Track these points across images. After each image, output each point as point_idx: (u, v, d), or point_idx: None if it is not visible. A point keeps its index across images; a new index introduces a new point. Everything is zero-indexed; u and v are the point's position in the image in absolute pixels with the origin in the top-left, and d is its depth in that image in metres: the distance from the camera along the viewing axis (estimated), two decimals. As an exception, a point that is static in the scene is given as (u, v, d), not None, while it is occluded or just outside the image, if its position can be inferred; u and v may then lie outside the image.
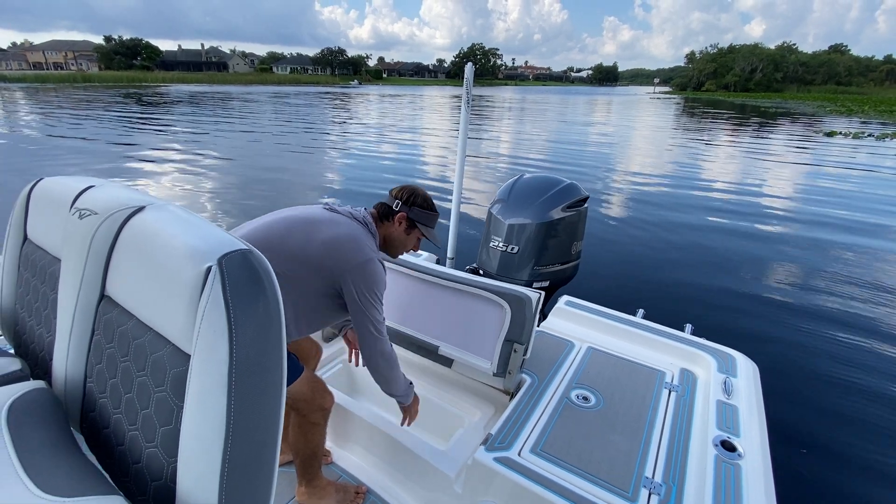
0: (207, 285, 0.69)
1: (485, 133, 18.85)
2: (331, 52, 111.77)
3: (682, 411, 1.67)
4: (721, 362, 1.92)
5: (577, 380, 1.80)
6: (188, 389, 0.72)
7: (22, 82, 55.80)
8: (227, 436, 0.69)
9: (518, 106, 39.69)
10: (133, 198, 0.96)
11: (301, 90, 55.49)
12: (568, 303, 2.32)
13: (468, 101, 2.38)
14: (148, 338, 0.81)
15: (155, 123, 18.03)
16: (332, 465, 1.76)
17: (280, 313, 0.75)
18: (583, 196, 2.54)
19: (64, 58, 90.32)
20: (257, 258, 0.74)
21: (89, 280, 0.92)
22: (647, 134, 20.04)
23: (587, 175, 10.46)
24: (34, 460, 0.77)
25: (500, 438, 1.46)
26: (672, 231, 6.59)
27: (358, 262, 1.34)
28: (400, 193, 1.57)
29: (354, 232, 1.40)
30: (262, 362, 0.72)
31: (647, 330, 2.14)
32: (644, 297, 4.36)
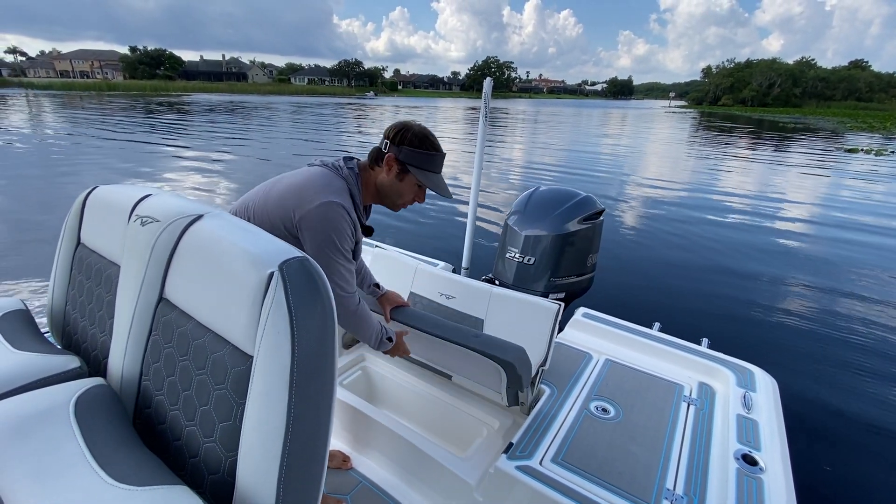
0: (270, 290, 0.73)
1: (500, 144, 18.96)
2: (347, 64, 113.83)
3: (702, 424, 1.67)
4: (739, 377, 1.91)
5: (595, 391, 1.81)
6: (251, 388, 0.76)
7: (49, 89, 57.81)
8: (286, 433, 0.72)
9: (532, 118, 39.84)
10: (190, 206, 1.01)
11: (318, 101, 56.51)
12: (585, 315, 2.33)
13: (486, 114, 2.42)
14: (207, 338, 0.86)
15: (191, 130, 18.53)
16: (351, 471, 1.78)
17: (334, 318, 0.79)
18: (598, 209, 2.56)
19: (90, 66, 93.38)
20: (313, 264, 0.79)
21: (149, 283, 0.97)
22: (662, 147, 19.95)
23: (602, 187, 10.45)
24: (102, 451, 0.81)
25: (522, 447, 1.47)
26: (687, 244, 6.54)
27: (308, 207, 1.16)
28: (389, 131, 1.31)
29: (313, 178, 1.22)
30: (320, 363, 0.76)
31: (664, 343, 2.14)
32: (660, 311, 4.34)
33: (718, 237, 6.87)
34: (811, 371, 3.48)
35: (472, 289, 1.89)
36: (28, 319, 1.35)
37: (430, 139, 1.32)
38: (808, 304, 4.67)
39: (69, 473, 0.75)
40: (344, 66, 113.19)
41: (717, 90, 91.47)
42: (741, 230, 7.29)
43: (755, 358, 2.06)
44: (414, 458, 1.66)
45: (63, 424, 0.84)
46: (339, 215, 1.18)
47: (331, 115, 33.38)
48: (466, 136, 21.47)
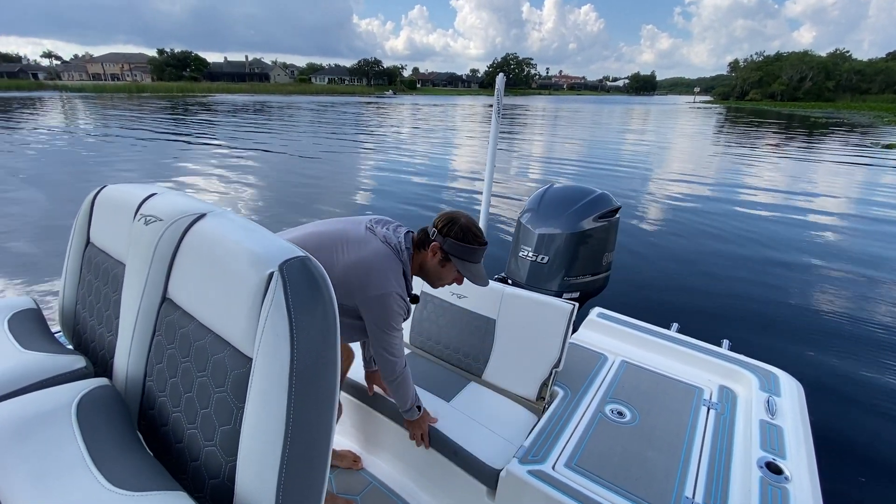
0: (270, 290, 0.72)
1: (517, 142, 18.79)
2: (367, 63, 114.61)
3: (723, 430, 1.60)
4: (763, 380, 1.83)
5: (611, 394, 1.76)
6: (249, 391, 0.74)
7: (82, 91, 59.97)
8: (286, 436, 0.71)
9: (552, 115, 39.39)
10: (194, 205, 1.00)
11: (341, 100, 57.08)
12: (600, 315, 2.27)
13: (499, 110, 2.39)
14: (209, 340, 0.84)
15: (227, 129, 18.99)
16: (362, 472, 1.78)
17: (336, 319, 0.77)
18: (614, 206, 2.49)
19: (120, 69, 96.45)
20: (315, 265, 0.76)
21: (153, 283, 0.97)
22: (684, 143, 19.46)
23: (620, 184, 10.26)
24: (102, 454, 0.80)
25: (534, 451, 1.44)
26: (708, 243, 6.36)
27: (373, 294, 1.31)
28: (438, 221, 1.45)
29: (378, 260, 1.34)
30: (320, 365, 0.74)
31: (683, 344, 2.07)
32: (678, 311, 4.23)
33: (741, 236, 6.67)
34: (840, 376, 3.33)
35: (484, 288, 1.86)
36: (39, 319, 1.36)
37: (475, 233, 1.44)
38: (838, 305, 4.48)
39: (68, 476, 0.74)
40: (363, 66, 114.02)
41: (745, 84, 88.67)
42: (766, 229, 7.05)
43: (780, 361, 1.98)
44: (426, 461, 1.64)
45: (64, 426, 0.84)
46: (397, 304, 1.34)
47: (354, 113, 33.81)
48: (485, 132, 21.34)
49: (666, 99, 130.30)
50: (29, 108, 30.53)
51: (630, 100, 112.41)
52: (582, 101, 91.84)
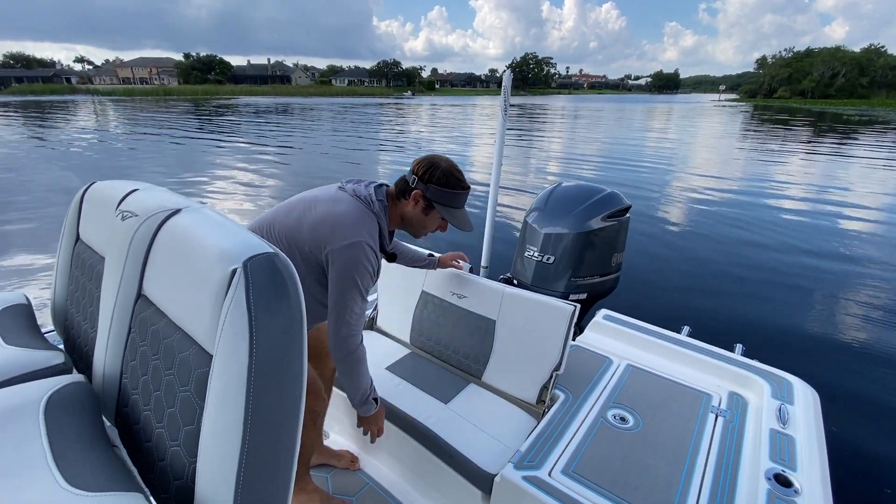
0: (231, 287, 0.70)
1: (536, 140, 18.64)
2: (386, 65, 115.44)
3: (731, 438, 1.53)
4: (775, 387, 1.75)
5: (614, 398, 1.70)
6: (208, 392, 0.72)
7: (112, 95, 62.10)
8: (244, 439, 0.68)
9: (571, 114, 38.96)
10: (172, 200, 0.99)
11: (361, 101, 57.75)
12: (606, 317, 2.21)
13: (505, 109, 2.35)
14: (177, 337, 0.83)
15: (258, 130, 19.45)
16: (358, 472, 1.77)
17: (302, 318, 0.74)
18: (625, 205, 2.43)
19: (149, 73, 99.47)
20: (282, 262, 0.74)
21: (128, 279, 0.97)
22: (706, 142, 18.97)
23: (637, 183, 10.06)
24: (66, 452, 0.79)
25: (531, 457, 1.40)
26: (727, 244, 6.16)
27: (340, 244, 1.23)
28: (417, 168, 1.36)
29: (347, 211, 1.27)
30: (282, 366, 0.72)
31: (693, 349, 2.00)
32: (690, 314, 4.10)
33: (763, 237, 6.45)
34: (861, 386, 3.17)
35: (485, 288, 1.82)
36: (28, 314, 1.37)
37: (457, 177, 1.37)
38: (864, 313, 4.27)
39: (25, 474, 0.73)
40: (383, 67, 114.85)
41: (773, 82, 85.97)
42: (790, 231, 6.81)
43: (797, 368, 1.89)
44: (422, 463, 1.62)
45: (31, 422, 0.83)
46: (366, 256, 1.25)
47: (374, 114, 34.18)
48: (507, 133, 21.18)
49: (689, 97, 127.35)
50: (62, 111, 31.80)
51: (652, 98, 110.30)
52: (602, 100, 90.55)
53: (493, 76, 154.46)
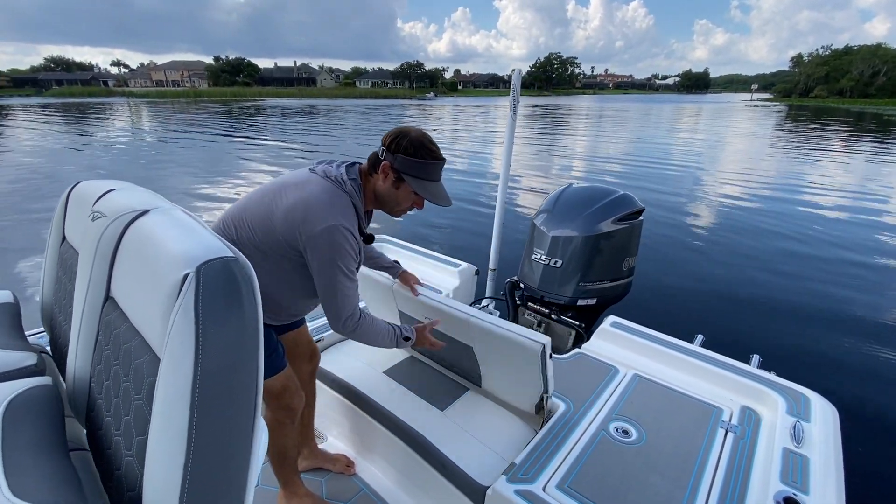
0: (181, 293, 0.66)
1: (558, 138, 18.41)
2: (409, 66, 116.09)
3: (740, 456, 1.46)
4: (791, 402, 1.66)
5: (617, 410, 1.64)
6: (154, 403, 0.69)
7: (146, 97, 64.39)
8: (188, 453, 0.65)
9: (596, 114, 38.35)
10: (144, 201, 0.96)
11: (385, 103, 58.32)
12: (614, 324, 2.13)
13: (514, 108, 2.30)
14: (135, 343, 0.80)
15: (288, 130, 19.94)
16: (353, 478, 1.75)
17: (257, 325, 0.70)
18: (637, 208, 2.35)
19: (180, 76, 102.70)
20: (241, 266, 0.70)
21: (96, 281, 0.95)
22: (732, 143, 18.39)
23: (654, 185, 9.81)
24: (18, 459, 0.76)
25: (525, 469, 1.35)
26: (747, 251, 5.92)
27: (314, 229, 1.17)
28: (386, 138, 1.28)
29: (318, 195, 1.21)
30: (232, 376, 0.68)
31: (705, 359, 1.91)
32: (705, 323, 3.95)
33: (785, 245, 6.17)
34: (884, 404, 2.99)
35: (453, 317, 1.61)
36: (13, 313, 1.36)
37: (427, 146, 1.27)
38: (889, 330, 4.02)
39: None
40: (406, 69, 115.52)
41: (809, 81, 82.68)
42: (815, 239, 6.48)
43: (815, 383, 1.79)
44: (416, 471, 1.59)
45: None
46: (344, 238, 1.20)
47: (397, 115, 34.55)
48: (524, 131, 21.07)
49: (720, 97, 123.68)
50: (99, 112, 33.18)
51: (680, 98, 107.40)
52: (628, 99, 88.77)
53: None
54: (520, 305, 2.51)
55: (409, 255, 2.85)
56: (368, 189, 1.33)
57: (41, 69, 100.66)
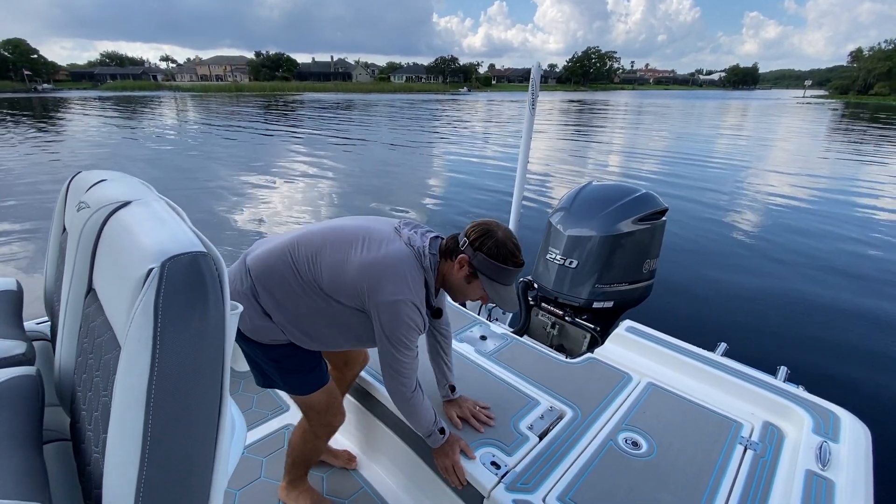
0: (144, 289, 0.63)
1: (595, 134, 17.95)
2: (444, 61, 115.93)
3: (759, 476, 1.36)
4: (819, 420, 1.54)
5: (628, 420, 1.56)
6: (112, 402, 0.67)
7: (191, 91, 67.16)
8: (142, 460, 0.63)
9: (635, 111, 37.17)
10: (128, 192, 0.94)
11: (421, 97, 58.70)
12: (630, 329, 2.04)
13: (533, 102, 2.23)
14: (107, 337, 0.78)
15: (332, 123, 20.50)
16: (354, 474, 1.75)
17: (223, 324, 0.67)
18: (660, 208, 2.24)
19: (223, 70, 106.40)
20: (210, 263, 0.67)
21: (79, 272, 0.94)
22: (776, 143, 17.40)
23: (684, 185, 9.42)
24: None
25: (526, 478, 1.30)
26: (779, 257, 5.58)
27: (385, 299, 1.16)
28: (471, 231, 1.24)
29: (396, 262, 1.20)
30: (192, 379, 0.65)
31: (726, 370, 1.80)
32: (729, 331, 3.73)
33: (823, 254, 5.76)
34: None
35: None
36: (14, 301, 1.36)
37: (512, 252, 1.23)
38: None
39: None
40: (440, 63, 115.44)
41: (870, 76, 77.12)
42: (857, 250, 6.00)
43: (848, 401, 1.65)
44: (417, 472, 1.57)
45: None
46: (409, 315, 1.19)
47: (434, 109, 34.67)
48: (561, 128, 20.67)
49: (769, 94, 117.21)
50: (149, 105, 34.86)
51: (726, 95, 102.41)
52: (669, 96, 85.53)
53: (552, 71, 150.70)
54: (533, 306, 2.44)
55: None
56: (441, 270, 1.30)
57: (97, 64, 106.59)
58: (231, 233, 6.34)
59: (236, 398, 2.10)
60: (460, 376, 1.74)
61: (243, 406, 2.06)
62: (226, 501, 1.58)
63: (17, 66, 79.60)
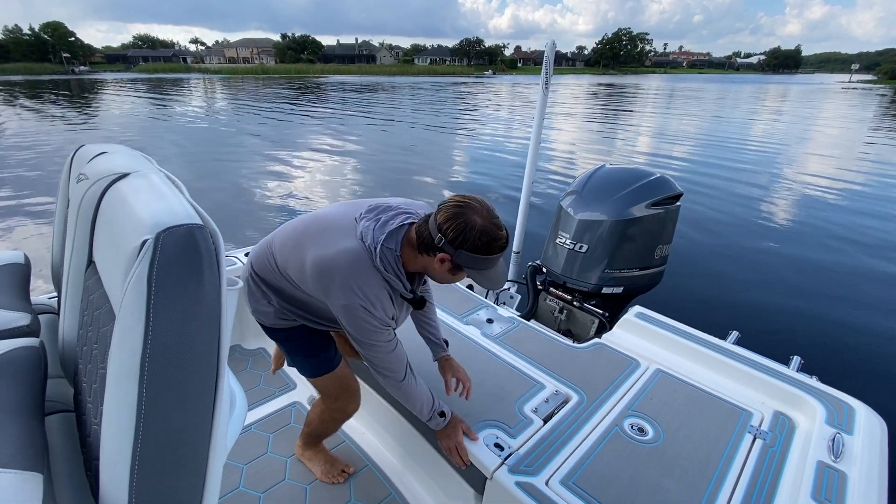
0: (137, 260, 0.62)
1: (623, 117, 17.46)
2: (468, 43, 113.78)
3: (768, 465, 1.33)
4: (832, 411, 1.50)
5: (634, 406, 1.54)
6: (108, 372, 0.67)
7: (219, 73, 68.17)
8: (136, 432, 0.63)
9: (666, 94, 35.89)
10: (126, 165, 0.94)
11: (448, 80, 58.16)
12: (639, 315, 2.01)
13: (546, 83, 2.18)
14: (104, 310, 0.78)
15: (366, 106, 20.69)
16: (358, 451, 1.76)
17: (218, 298, 0.66)
18: (674, 192, 2.18)
19: (250, 53, 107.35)
20: (206, 235, 0.65)
21: (79, 245, 0.95)
22: (809, 130, 16.55)
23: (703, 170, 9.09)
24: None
25: (529, 461, 1.30)
26: (797, 245, 5.37)
27: (336, 303, 1.14)
28: (447, 227, 1.09)
29: (343, 264, 1.13)
30: (186, 351, 0.65)
31: (737, 358, 1.76)
32: (741, 318, 3.62)
33: (845, 243, 5.50)
34: None
35: None
36: (22, 274, 1.38)
37: (495, 239, 1.10)
38: None
39: None
40: (465, 46, 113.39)
41: (924, 59, 72.09)
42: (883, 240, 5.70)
43: (864, 392, 1.60)
44: (421, 452, 1.59)
45: None
46: (366, 319, 1.13)
47: (460, 91, 34.31)
48: (588, 112, 20.18)
49: (812, 78, 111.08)
50: (177, 87, 35.62)
51: (765, 79, 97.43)
52: (703, 80, 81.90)
53: (581, 54, 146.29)
54: (541, 290, 2.43)
55: None
56: (418, 262, 1.19)
57: (130, 46, 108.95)
58: (255, 210, 6.50)
59: (244, 375, 2.14)
60: (466, 358, 1.72)
61: (251, 383, 2.10)
62: (233, 475, 1.63)
63: (55, 48, 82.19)
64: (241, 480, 1.62)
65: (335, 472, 1.62)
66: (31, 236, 5.31)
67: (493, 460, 1.31)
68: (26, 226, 5.63)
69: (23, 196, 6.87)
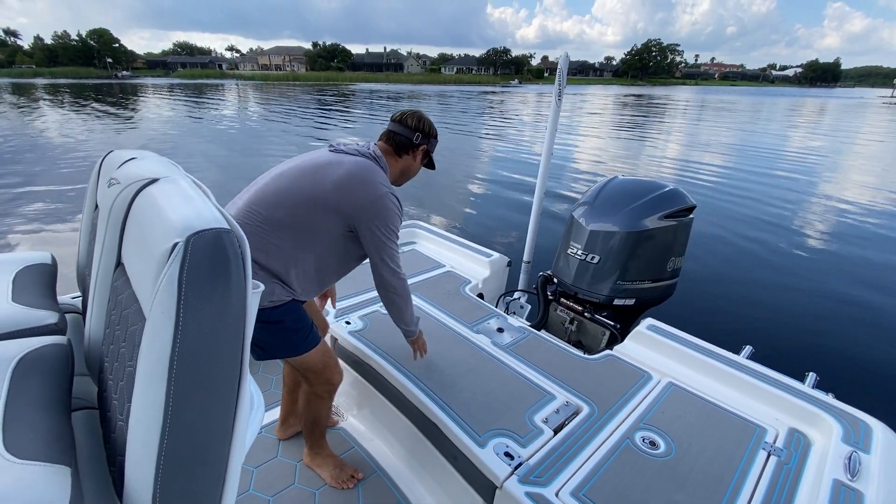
0: (168, 262, 0.65)
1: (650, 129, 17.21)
2: (496, 52, 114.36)
3: (782, 483, 1.31)
4: (849, 429, 1.46)
5: (646, 419, 1.53)
6: (137, 371, 0.69)
7: (252, 80, 70.48)
8: (163, 429, 0.65)
9: (696, 106, 35.20)
10: (156, 170, 0.98)
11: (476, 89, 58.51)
12: (651, 327, 1.99)
13: (559, 93, 2.20)
14: (133, 310, 0.80)
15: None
16: (365, 455, 1.76)
17: (244, 302, 0.69)
18: (688, 205, 2.16)
19: (282, 60, 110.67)
20: (233, 240, 0.68)
21: (109, 246, 1.00)
22: (844, 145, 15.93)
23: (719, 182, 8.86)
24: (17, 415, 0.78)
25: (539, 471, 1.30)
26: (814, 260, 5.21)
27: (372, 199, 1.33)
28: (418, 124, 1.50)
29: (365, 169, 1.37)
30: (214, 351, 0.67)
31: (751, 373, 1.73)
32: (755, 334, 3.52)
33: (866, 262, 5.28)
34: None
35: None
36: (49, 273, 1.41)
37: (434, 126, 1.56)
38: None
39: None
40: (492, 55, 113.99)
41: (975, 73, 68.50)
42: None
43: (882, 412, 1.57)
44: (429, 459, 1.59)
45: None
46: (396, 203, 1.39)
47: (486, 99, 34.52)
48: (616, 124, 19.97)
49: (851, 92, 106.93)
50: (214, 92, 36.99)
51: (802, 92, 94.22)
52: (735, 92, 79.88)
53: (609, 64, 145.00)
54: (552, 301, 2.43)
55: (440, 241, 2.84)
56: (397, 166, 1.52)
57: (170, 53, 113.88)
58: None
59: (256, 379, 2.17)
60: (476, 367, 1.75)
61: (262, 388, 2.12)
62: (243, 478, 1.63)
63: (100, 53, 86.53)
64: (251, 483, 1.63)
65: (344, 477, 1.63)
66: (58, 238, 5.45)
67: (503, 469, 1.30)
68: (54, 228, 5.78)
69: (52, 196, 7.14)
